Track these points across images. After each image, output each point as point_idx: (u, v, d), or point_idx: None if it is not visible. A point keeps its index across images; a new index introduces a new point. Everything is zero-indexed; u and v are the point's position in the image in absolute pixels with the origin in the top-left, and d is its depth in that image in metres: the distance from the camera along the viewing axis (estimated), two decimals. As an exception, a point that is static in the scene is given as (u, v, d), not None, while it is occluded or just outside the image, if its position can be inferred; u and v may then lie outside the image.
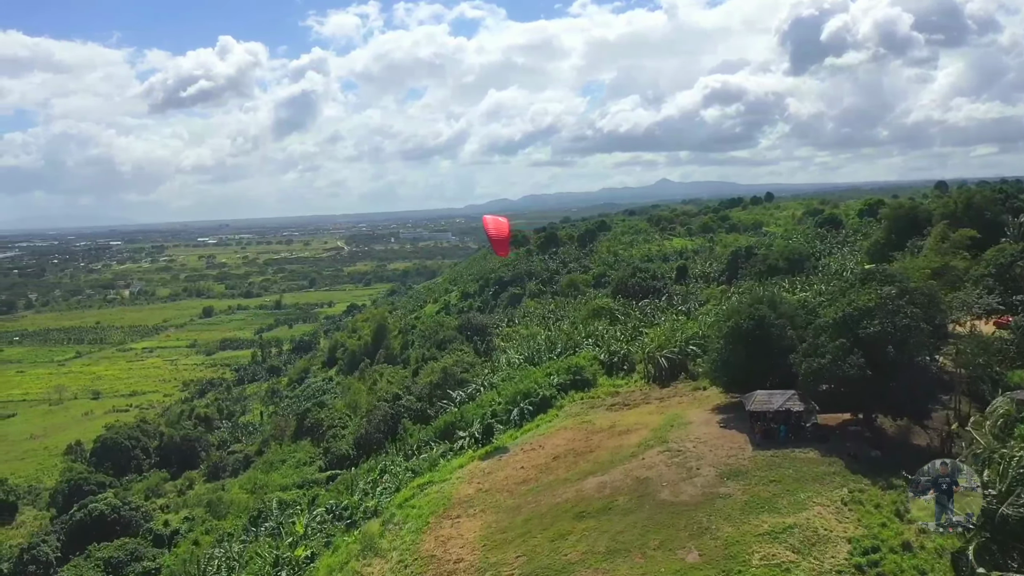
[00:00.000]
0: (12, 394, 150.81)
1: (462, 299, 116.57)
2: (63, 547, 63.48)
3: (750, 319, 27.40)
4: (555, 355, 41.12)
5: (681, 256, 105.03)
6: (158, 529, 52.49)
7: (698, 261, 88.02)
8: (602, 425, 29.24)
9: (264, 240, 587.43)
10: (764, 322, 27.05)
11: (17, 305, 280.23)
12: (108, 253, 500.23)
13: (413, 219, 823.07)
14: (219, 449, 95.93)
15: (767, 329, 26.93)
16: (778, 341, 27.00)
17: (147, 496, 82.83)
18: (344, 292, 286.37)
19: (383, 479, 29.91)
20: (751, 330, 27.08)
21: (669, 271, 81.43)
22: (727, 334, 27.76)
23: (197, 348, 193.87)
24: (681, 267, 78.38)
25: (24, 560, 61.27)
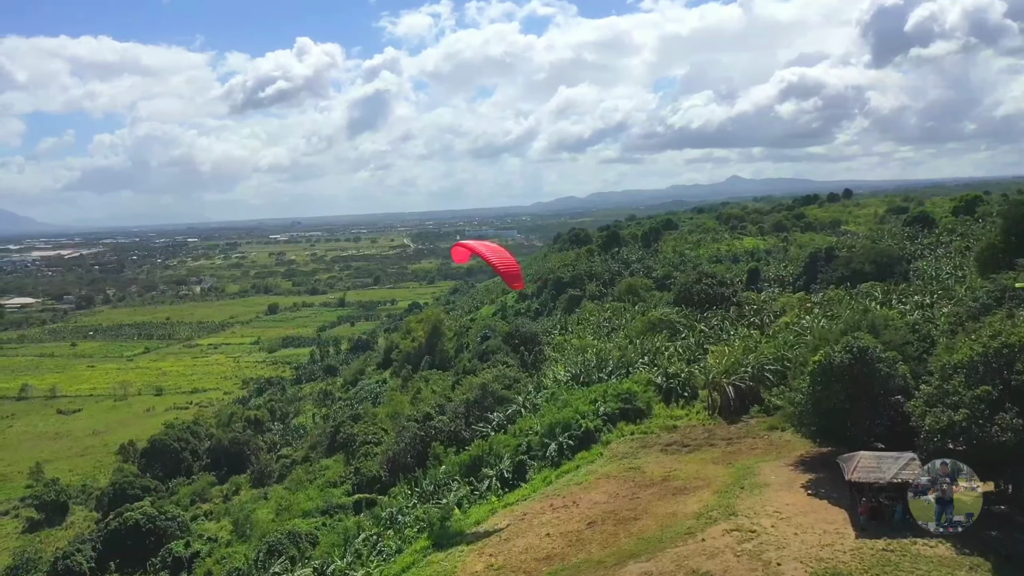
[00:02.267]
0: (80, 389, 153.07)
1: (519, 301, 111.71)
2: (99, 556, 61.30)
3: (846, 352, 21.46)
4: (605, 374, 35.84)
5: (752, 257, 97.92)
6: (177, 551, 49.49)
7: (771, 263, 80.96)
8: (653, 475, 23.77)
9: (333, 237, 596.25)
10: (866, 355, 21.09)
11: (95, 300, 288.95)
12: (184, 250, 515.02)
13: (480, 216, 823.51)
14: (269, 452, 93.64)
15: (870, 364, 20.95)
16: (885, 381, 20.96)
17: (193, 501, 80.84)
18: (407, 290, 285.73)
19: (388, 532, 25.37)
20: (848, 366, 21.10)
21: (739, 273, 74.84)
22: (815, 371, 21.84)
23: (260, 345, 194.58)
24: (752, 269, 71.69)
25: (58, 569, 59.23)
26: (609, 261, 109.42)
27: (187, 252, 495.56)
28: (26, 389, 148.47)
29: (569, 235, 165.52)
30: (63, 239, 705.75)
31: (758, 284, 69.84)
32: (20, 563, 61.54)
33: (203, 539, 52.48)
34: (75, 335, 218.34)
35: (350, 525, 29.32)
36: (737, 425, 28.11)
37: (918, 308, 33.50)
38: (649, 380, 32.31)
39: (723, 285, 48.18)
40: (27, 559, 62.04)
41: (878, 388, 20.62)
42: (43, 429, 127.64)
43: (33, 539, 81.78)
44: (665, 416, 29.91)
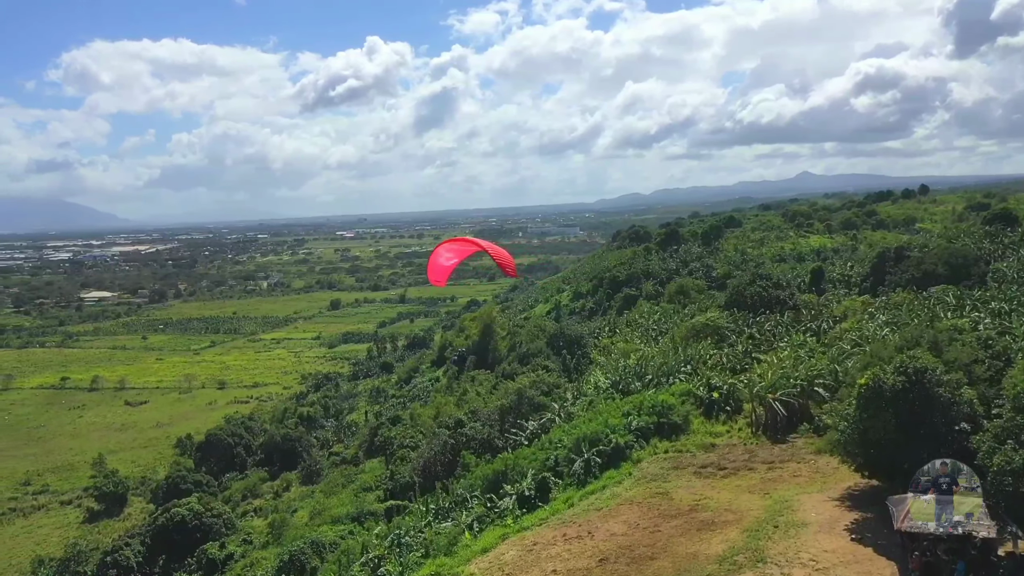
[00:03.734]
0: (148, 381, 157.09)
1: (574, 299, 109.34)
2: (147, 551, 61.78)
3: (900, 374, 18.53)
4: (644, 384, 33.40)
5: (819, 256, 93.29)
6: (212, 553, 49.12)
7: (837, 263, 76.59)
8: (680, 503, 21.32)
9: (398, 234, 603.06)
10: (924, 378, 18.11)
11: (168, 294, 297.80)
12: (254, 246, 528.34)
13: (543, 213, 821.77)
14: (322, 449, 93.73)
15: (928, 389, 17.99)
16: (946, 409, 17.98)
17: (244, 496, 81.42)
18: (468, 287, 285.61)
19: (390, 555, 23.66)
20: (903, 389, 18.15)
21: (802, 274, 70.92)
22: (863, 395, 18.98)
23: (321, 341, 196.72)
24: (816, 270, 67.65)
25: (106, 563, 59.87)
26: (667, 259, 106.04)
27: (256, 248, 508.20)
28: (97, 381, 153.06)
29: (628, 232, 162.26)
30: (142, 235, 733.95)
31: (822, 285, 65.89)
32: (72, 555, 62.55)
33: (238, 540, 52.01)
34: (146, 328, 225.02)
35: (352, 544, 27.81)
36: (782, 446, 25.29)
37: (995, 316, 29.86)
38: (689, 392, 29.77)
39: (779, 287, 44.90)
40: (78, 551, 63.00)
41: (938, 418, 17.65)
42: (111, 420, 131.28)
43: (92, 529, 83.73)
44: (704, 432, 27.35)
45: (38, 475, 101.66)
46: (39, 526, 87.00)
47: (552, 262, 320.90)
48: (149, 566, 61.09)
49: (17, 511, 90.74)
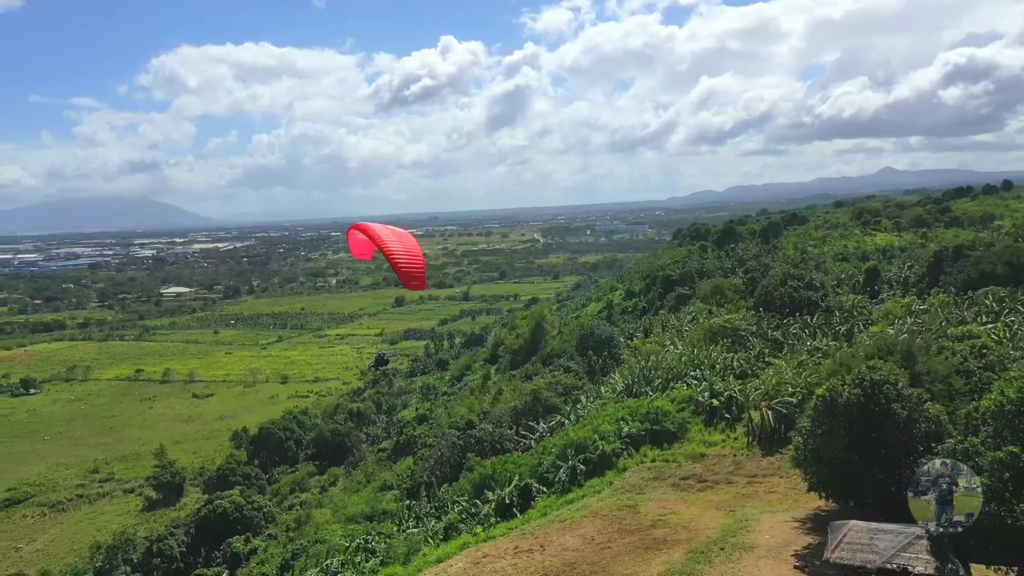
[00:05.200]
0: (216, 374, 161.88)
1: (626, 298, 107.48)
2: (191, 541, 63.39)
3: (857, 386, 16.88)
4: (652, 388, 32.04)
5: (884, 255, 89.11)
6: (236, 547, 49.91)
7: (895, 263, 72.84)
8: (643, 518, 20.14)
9: (466, 232, 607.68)
10: (882, 391, 16.33)
11: (241, 290, 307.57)
12: (327, 243, 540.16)
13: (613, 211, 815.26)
14: (371, 445, 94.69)
15: (885, 405, 16.21)
16: (905, 427, 16.29)
17: (292, 489, 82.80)
18: (532, 285, 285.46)
19: (349, 562, 23.17)
20: (858, 404, 16.43)
21: (856, 274, 67.74)
22: (818, 408, 17.34)
23: (383, 337, 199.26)
24: (871, 269, 64.40)
25: (152, 551, 61.70)
26: (723, 258, 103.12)
27: (328, 245, 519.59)
28: (169, 373, 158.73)
29: (689, 230, 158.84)
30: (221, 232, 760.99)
31: (876, 286, 62.73)
32: (119, 543, 64.75)
33: (264, 535, 52.76)
34: (219, 323, 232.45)
35: (321, 549, 27.48)
36: (772, 458, 23.57)
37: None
38: (690, 397, 28.35)
39: (812, 288, 42.59)
40: (126, 539, 65.19)
41: (894, 436, 15.93)
42: (178, 412, 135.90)
43: (148, 517, 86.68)
44: (698, 441, 25.91)
45: (106, 463, 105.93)
46: (101, 513, 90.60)
47: (618, 260, 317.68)
48: (193, 556, 62.73)
49: (84, 498, 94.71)
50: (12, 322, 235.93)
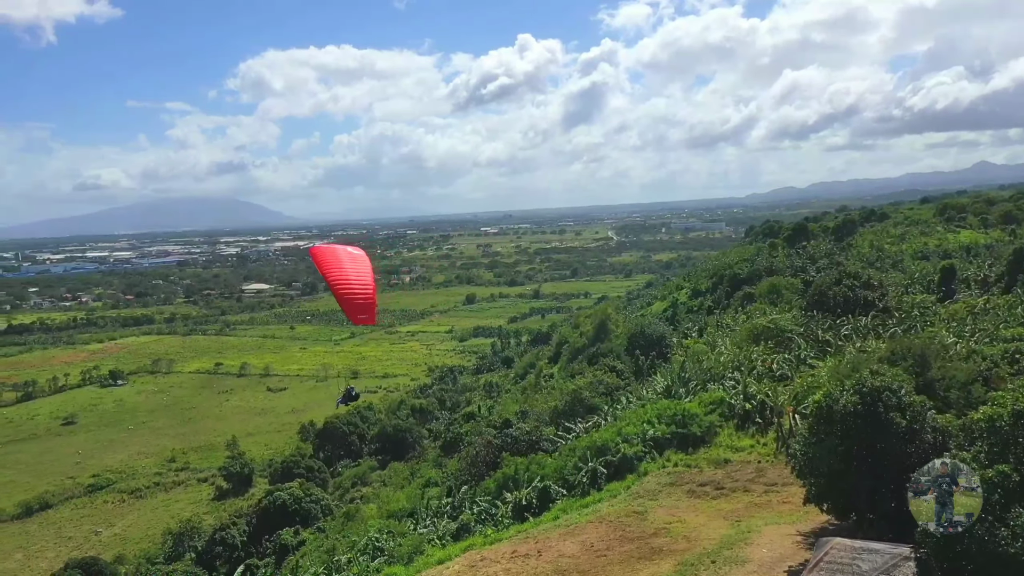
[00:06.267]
0: (290, 369, 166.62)
1: (692, 297, 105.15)
2: (252, 531, 65.15)
3: (855, 393, 15.65)
4: (687, 389, 30.96)
5: (968, 253, 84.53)
6: (285, 539, 50.90)
7: (975, 262, 68.84)
8: (649, 525, 19.27)
9: (540, 230, 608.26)
10: (881, 400, 14.90)
11: (318, 287, 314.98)
12: (402, 241, 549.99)
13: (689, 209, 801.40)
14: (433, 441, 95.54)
15: (884, 414, 14.80)
16: (903, 437, 14.79)
17: (354, 483, 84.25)
18: (603, 283, 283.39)
19: (354, 560, 23.05)
20: (856, 412, 15.07)
21: (931, 272, 64.33)
22: (815, 415, 16.06)
23: (453, 334, 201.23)
24: (947, 268, 60.96)
25: (215, 539, 63.67)
26: (793, 256, 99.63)
27: (404, 243, 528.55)
28: (245, 367, 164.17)
29: (762, 228, 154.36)
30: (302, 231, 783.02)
31: (952, 285, 59.39)
32: (185, 530, 67.18)
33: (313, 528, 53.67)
34: (295, 319, 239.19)
35: (339, 545, 27.47)
36: (798, 465, 22.50)
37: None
38: (721, 400, 27.21)
39: (869, 287, 40.36)
40: (192, 527, 67.57)
41: (892, 448, 14.54)
42: (253, 404, 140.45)
43: (217, 506, 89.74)
44: (726, 446, 24.78)
45: (183, 453, 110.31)
46: (176, 500, 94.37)
47: (692, 258, 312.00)
48: (254, 545, 64.47)
49: (160, 486, 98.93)
50: (105, 316, 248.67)
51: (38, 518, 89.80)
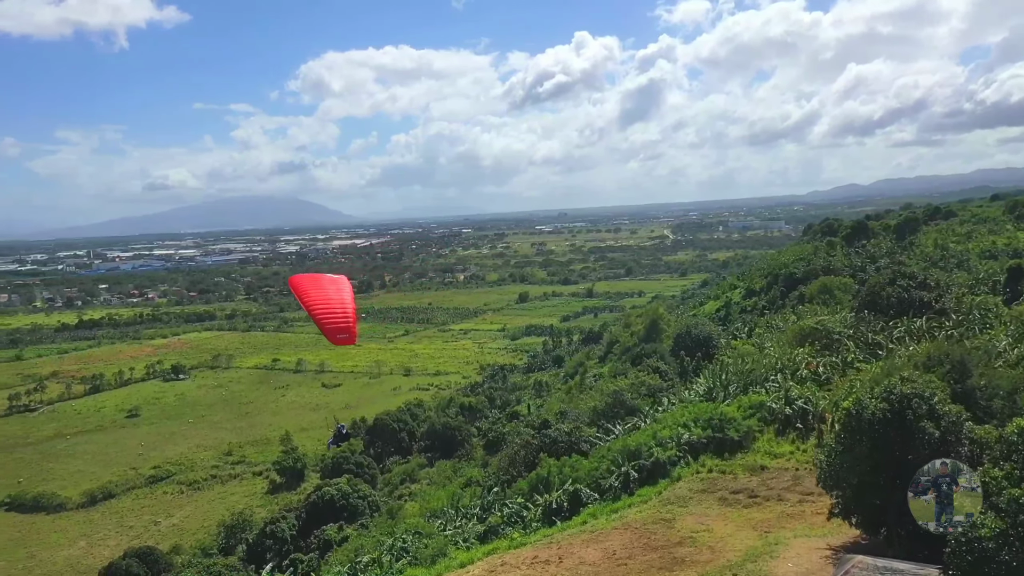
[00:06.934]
0: (344, 365, 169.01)
1: (745, 297, 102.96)
2: (301, 525, 66.16)
3: (883, 400, 14.70)
4: (727, 392, 30.03)
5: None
6: (328, 534, 51.36)
7: (1045, 261, 65.38)
8: (675, 534, 18.58)
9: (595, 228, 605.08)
10: (911, 407, 13.87)
11: (374, 285, 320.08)
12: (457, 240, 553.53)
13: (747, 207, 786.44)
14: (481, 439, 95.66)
15: (915, 423, 13.76)
16: (941, 450, 13.69)
17: (402, 480, 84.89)
18: (657, 282, 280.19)
19: (377, 560, 22.81)
20: (884, 420, 14.09)
21: (998, 272, 61.43)
22: (843, 423, 15.09)
23: (505, 332, 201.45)
24: (1014, 268, 58.04)
25: (265, 533, 64.81)
26: (852, 255, 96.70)
27: (459, 242, 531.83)
28: (301, 363, 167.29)
29: (821, 226, 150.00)
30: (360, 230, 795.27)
31: (1020, 286, 56.61)
32: (237, 523, 68.61)
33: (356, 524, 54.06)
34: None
35: (366, 543, 27.37)
36: (838, 474, 21.42)
37: None
38: (761, 404, 26.24)
39: (925, 287, 38.51)
40: (243, 519, 68.97)
41: (923, 459, 13.50)
42: (308, 400, 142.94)
43: (271, 500, 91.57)
44: (764, 453, 23.83)
45: (239, 447, 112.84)
46: (231, 493, 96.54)
47: (750, 258, 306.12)
48: (303, 539, 65.46)
49: (217, 478, 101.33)
50: (170, 312, 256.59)
51: (102, 507, 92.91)
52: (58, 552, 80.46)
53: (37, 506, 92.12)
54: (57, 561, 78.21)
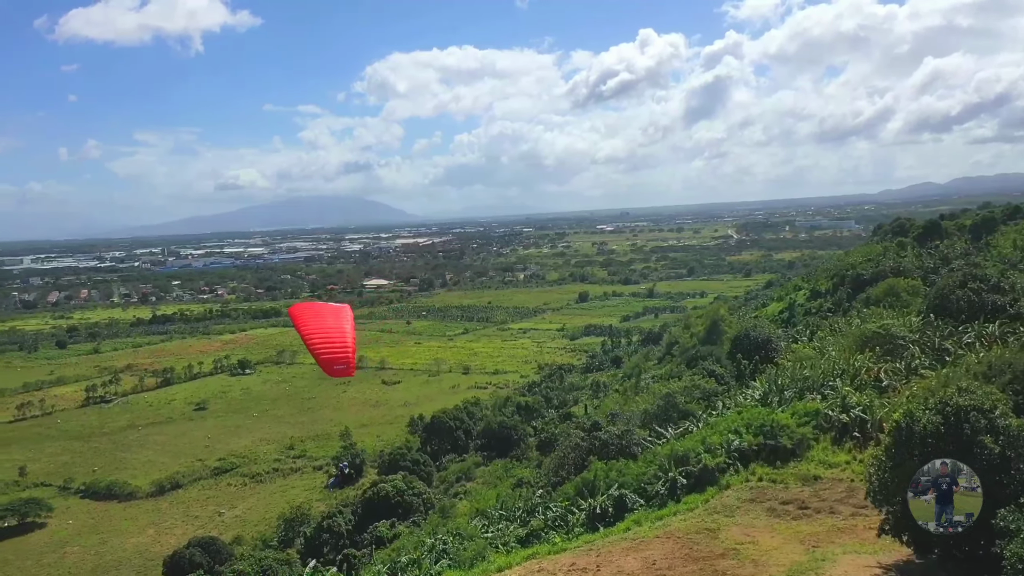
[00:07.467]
0: (404, 363, 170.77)
1: (810, 298, 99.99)
2: (357, 520, 67.02)
3: (937, 412, 13.48)
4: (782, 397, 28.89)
5: None
6: (381, 531, 51.80)
7: None
8: (718, 545, 17.79)
9: (657, 228, 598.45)
10: (968, 421, 12.83)
11: (435, 284, 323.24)
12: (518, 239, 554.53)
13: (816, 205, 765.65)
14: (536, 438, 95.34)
15: (972, 436, 12.72)
16: (1000, 467, 12.61)
17: (458, 478, 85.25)
18: (720, 283, 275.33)
19: (414, 562, 22.58)
20: (937, 433, 13.05)
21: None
22: (894, 435, 14.10)
23: (564, 332, 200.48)
24: (1099, 271, 54.89)
25: (322, 527, 65.90)
26: (924, 257, 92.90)
27: (520, 241, 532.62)
28: (362, 360, 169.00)
29: (892, 226, 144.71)
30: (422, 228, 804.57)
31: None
32: (295, 516, 69.94)
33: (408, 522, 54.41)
34: (411, 314, 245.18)
35: (407, 544, 27.22)
36: (896, 486, 20.25)
37: None
38: (816, 411, 25.12)
39: (998, 291, 36.39)
40: (302, 513, 70.25)
41: (984, 476, 12.40)
42: (368, 397, 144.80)
43: (329, 494, 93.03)
44: (818, 462, 22.76)
45: (301, 441, 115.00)
46: (292, 486, 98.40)
47: (817, 258, 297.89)
48: (359, 534, 66.35)
49: (278, 472, 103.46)
50: (238, 309, 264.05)
51: (169, 496, 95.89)
52: (128, 539, 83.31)
53: (110, 494, 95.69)
54: (127, 548, 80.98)
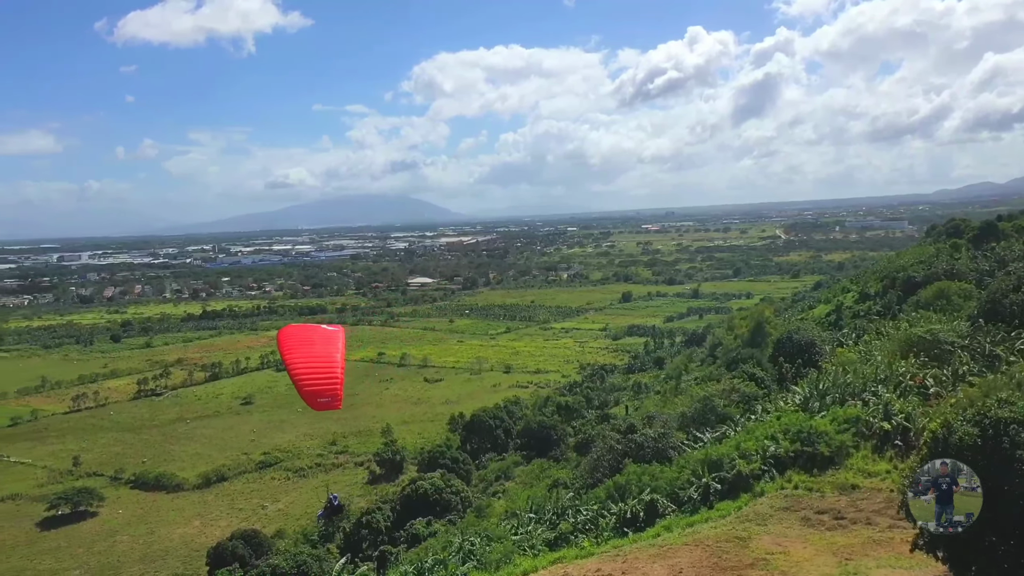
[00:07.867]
0: (446, 361, 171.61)
1: (859, 301, 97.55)
2: (396, 517, 67.51)
3: (975, 424, 12.70)
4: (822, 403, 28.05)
5: None
6: (417, 529, 51.97)
7: None
8: (747, 555, 17.25)
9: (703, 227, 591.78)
10: (1007, 433, 12.13)
11: (478, 282, 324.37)
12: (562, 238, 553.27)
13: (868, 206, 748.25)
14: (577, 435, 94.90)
15: (1010, 450, 12.04)
16: None
17: (497, 477, 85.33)
18: (767, 283, 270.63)
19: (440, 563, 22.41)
20: (974, 446, 12.38)
21: None
22: (928, 446, 13.43)
23: (607, 332, 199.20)
24: None
25: (361, 523, 66.52)
26: (979, 259, 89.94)
27: (564, 240, 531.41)
28: (405, 358, 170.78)
29: (946, 227, 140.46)
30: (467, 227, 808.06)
31: None
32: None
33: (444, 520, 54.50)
34: (455, 313, 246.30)
35: (434, 544, 27.09)
36: (937, 498, 19.42)
37: None
38: (856, 418, 24.33)
39: (1055, 296, 34.89)
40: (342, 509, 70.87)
41: (1019, 490, 11.80)
42: (410, 394, 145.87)
43: (370, 490, 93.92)
44: (856, 470, 22.00)
45: (343, 437, 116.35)
46: (334, 481, 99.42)
47: (868, 260, 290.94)
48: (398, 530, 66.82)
49: (321, 466, 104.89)
50: (285, 305, 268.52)
51: (215, 489, 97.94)
52: (175, 529, 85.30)
53: (158, 485, 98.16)
54: (173, 538, 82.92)
